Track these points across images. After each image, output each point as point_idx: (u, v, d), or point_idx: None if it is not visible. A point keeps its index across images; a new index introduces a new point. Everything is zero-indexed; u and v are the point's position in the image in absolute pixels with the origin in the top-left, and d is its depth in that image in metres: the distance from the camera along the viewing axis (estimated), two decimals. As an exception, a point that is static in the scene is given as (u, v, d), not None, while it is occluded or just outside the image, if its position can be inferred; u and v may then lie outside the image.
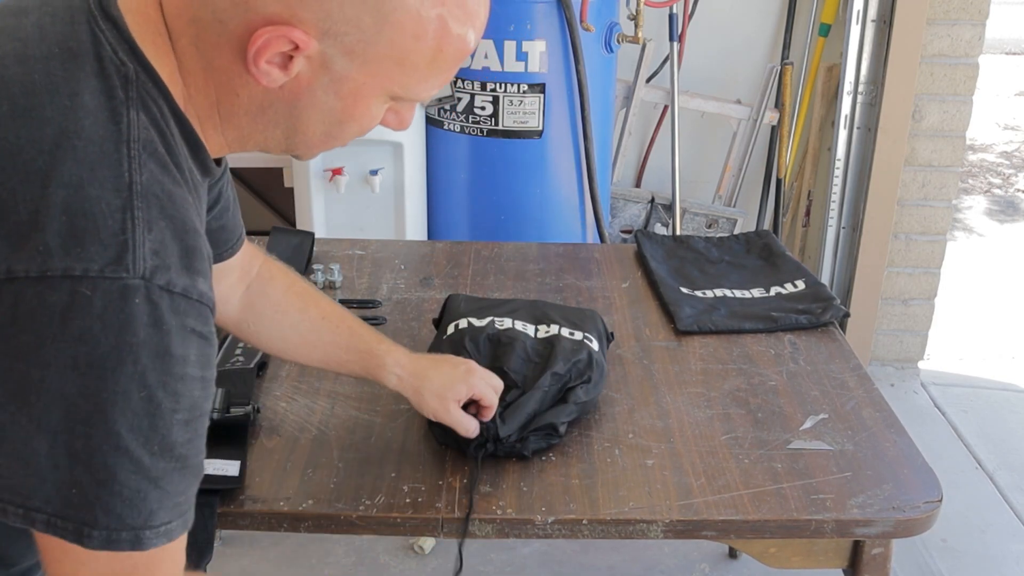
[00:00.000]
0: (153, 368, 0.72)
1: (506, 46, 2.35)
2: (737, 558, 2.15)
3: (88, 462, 0.71)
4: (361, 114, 0.83)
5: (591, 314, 1.51)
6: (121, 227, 0.71)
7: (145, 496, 0.73)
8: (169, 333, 0.72)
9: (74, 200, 0.70)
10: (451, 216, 2.67)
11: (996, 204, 4.79)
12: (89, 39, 0.75)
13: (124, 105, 0.74)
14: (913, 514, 1.19)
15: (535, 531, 1.17)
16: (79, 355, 0.70)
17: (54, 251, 0.69)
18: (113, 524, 0.73)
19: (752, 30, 2.94)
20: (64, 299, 0.69)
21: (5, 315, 0.70)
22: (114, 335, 0.70)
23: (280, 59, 0.77)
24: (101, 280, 0.69)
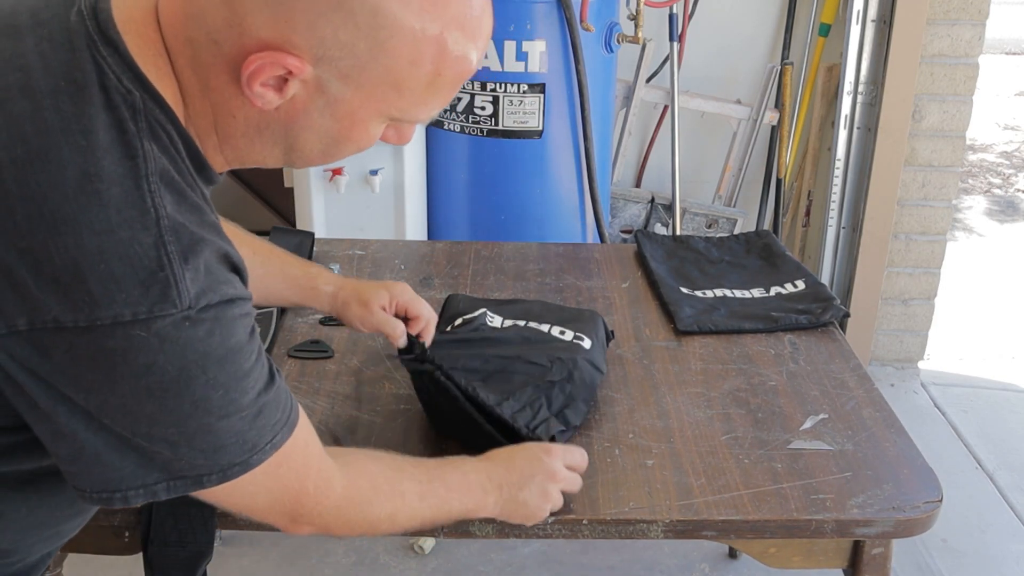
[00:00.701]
0: (220, 370, 0.77)
1: (506, 46, 2.35)
2: (737, 558, 2.15)
3: (190, 444, 0.79)
4: (358, 135, 0.83)
5: (590, 314, 1.51)
6: (158, 264, 0.72)
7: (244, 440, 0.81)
8: (225, 336, 0.77)
9: (108, 245, 0.71)
10: (451, 216, 2.67)
11: (996, 204, 4.79)
12: (93, 68, 0.74)
13: (136, 137, 0.74)
14: (913, 514, 1.19)
15: (535, 531, 1.17)
16: (151, 384, 0.74)
17: (100, 300, 0.71)
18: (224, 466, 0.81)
19: (752, 30, 2.94)
20: (121, 344, 0.72)
21: (64, 360, 0.73)
22: (178, 360, 0.74)
23: (275, 82, 0.77)
24: (152, 320, 0.72)
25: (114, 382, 0.74)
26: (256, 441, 0.83)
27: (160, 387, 0.75)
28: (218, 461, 0.81)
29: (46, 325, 0.71)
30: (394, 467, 1.02)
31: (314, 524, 0.94)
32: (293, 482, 0.89)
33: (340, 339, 1.55)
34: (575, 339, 1.41)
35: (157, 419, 0.77)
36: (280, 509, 0.91)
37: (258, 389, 0.82)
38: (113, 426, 0.77)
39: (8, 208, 0.71)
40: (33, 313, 0.71)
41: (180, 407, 0.76)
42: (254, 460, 0.83)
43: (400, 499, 1.00)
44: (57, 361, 0.73)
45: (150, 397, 0.75)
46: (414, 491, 1.01)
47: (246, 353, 0.80)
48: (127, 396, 0.75)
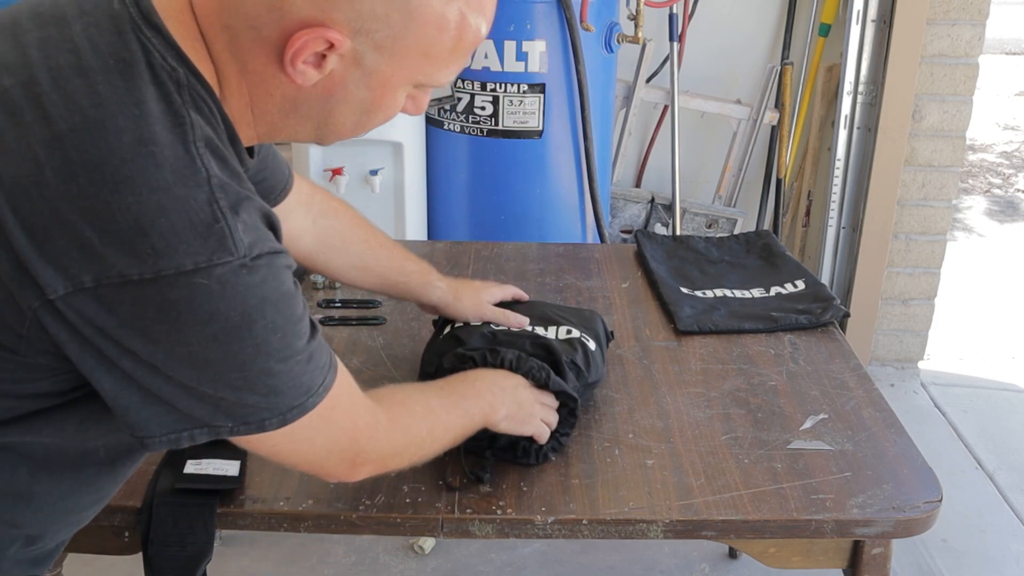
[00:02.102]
0: (277, 314, 0.83)
1: (506, 46, 2.36)
2: (737, 558, 2.15)
3: (252, 389, 0.84)
4: (388, 103, 0.89)
5: (590, 314, 1.51)
6: (213, 217, 0.78)
7: (298, 384, 0.87)
8: (277, 284, 0.83)
9: (166, 201, 0.76)
10: (451, 216, 2.67)
11: (996, 204, 4.79)
12: (139, 48, 0.80)
13: (183, 108, 0.80)
14: (913, 514, 1.19)
15: (535, 531, 1.17)
16: (215, 331, 0.79)
17: (162, 252, 0.75)
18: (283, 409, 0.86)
19: (752, 30, 2.94)
20: (185, 292, 0.77)
21: (130, 313, 0.77)
22: (239, 306, 0.79)
23: (314, 59, 0.82)
24: (212, 268, 0.77)
25: (179, 331, 0.78)
26: (310, 384, 0.88)
27: (224, 333, 0.79)
28: (278, 405, 0.86)
29: (111, 280, 0.75)
30: (417, 389, 1.14)
31: (371, 461, 1.00)
32: (346, 422, 0.95)
33: (340, 339, 1.55)
34: (582, 338, 1.41)
35: (221, 365, 0.81)
36: (339, 452, 0.97)
37: (308, 334, 0.87)
38: (179, 376, 0.81)
39: (70, 173, 0.75)
40: (99, 269, 0.75)
41: (243, 351, 0.81)
42: (310, 403, 0.88)
43: (432, 415, 1.10)
44: (123, 315, 0.77)
45: (215, 343, 0.79)
46: (440, 404, 1.12)
47: (296, 300, 0.86)
48: (192, 344, 0.79)
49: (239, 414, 0.85)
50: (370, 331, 1.59)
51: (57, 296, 0.76)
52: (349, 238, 1.36)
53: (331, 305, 1.66)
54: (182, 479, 1.17)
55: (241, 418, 0.85)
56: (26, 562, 0.93)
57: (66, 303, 0.76)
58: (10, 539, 0.91)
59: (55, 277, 0.75)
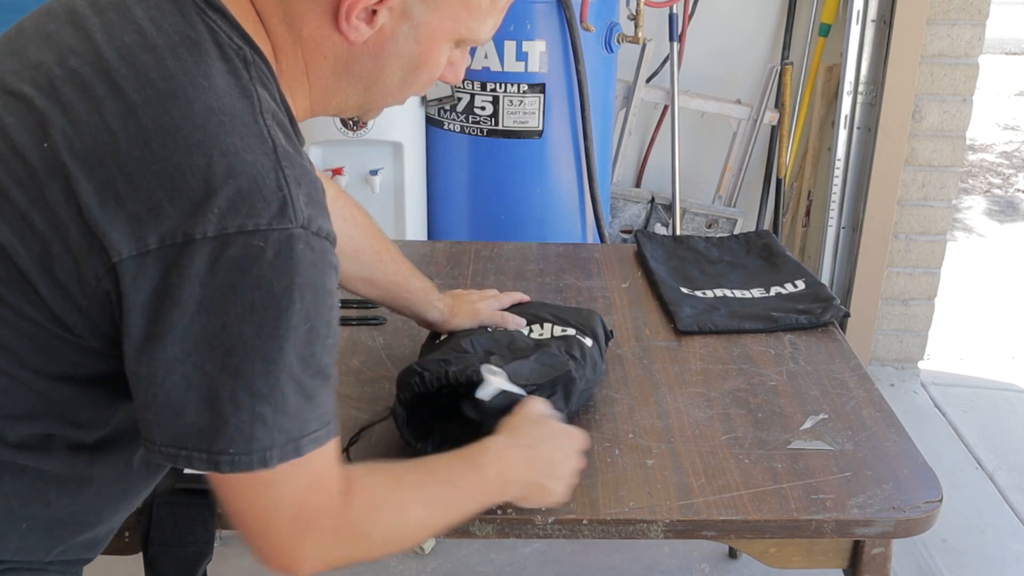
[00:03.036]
0: (313, 303, 0.82)
1: (506, 46, 2.36)
2: (737, 558, 2.15)
3: (269, 396, 0.81)
4: (434, 60, 0.92)
5: (588, 313, 1.51)
6: (277, 184, 0.80)
7: (302, 411, 0.83)
8: (323, 271, 0.83)
9: (236, 165, 0.78)
10: (451, 216, 2.67)
11: (996, 204, 4.79)
12: (204, 28, 0.83)
13: (250, 83, 0.83)
14: (913, 514, 1.19)
15: (535, 531, 1.17)
16: (255, 299, 0.79)
17: (227, 212, 0.77)
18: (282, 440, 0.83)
19: (752, 30, 2.94)
20: (239, 252, 0.78)
21: (183, 274, 0.77)
22: (284, 278, 0.79)
23: (365, 15, 0.86)
24: (270, 232, 0.78)
25: (225, 295, 0.78)
26: (309, 421, 0.84)
27: (263, 304, 0.79)
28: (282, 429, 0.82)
29: (175, 240, 0.77)
30: (394, 475, 0.97)
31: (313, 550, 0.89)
32: (302, 491, 0.87)
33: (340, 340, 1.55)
34: (577, 336, 1.41)
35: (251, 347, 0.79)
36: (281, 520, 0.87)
37: (328, 357, 0.86)
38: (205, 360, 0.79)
39: (144, 140, 0.78)
40: (164, 230, 0.77)
41: (275, 332, 0.80)
42: (304, 444, 0.84)
43: (403, 514, 0.96)
44: (175, 278, 0.77)
45: (252, 315, 0.79)
46: (416, 499, 0.97)
47: (332, 304, 0.86)
48: (231, 315, 0.78)
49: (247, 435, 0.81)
50: (370, 331, 1.59)
51: (121, 259, 0.77)
52: (363, 249, 1.37)
53: (331, 305, 1.66)
54: (182, 479, 1.17)
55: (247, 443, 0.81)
56: (79, 546, 0.95)
57: (127, 266, 0.77)
58: (76, 527, 0.93)
59: (121, 240, 0.77)
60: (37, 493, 0.89)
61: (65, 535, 0.93)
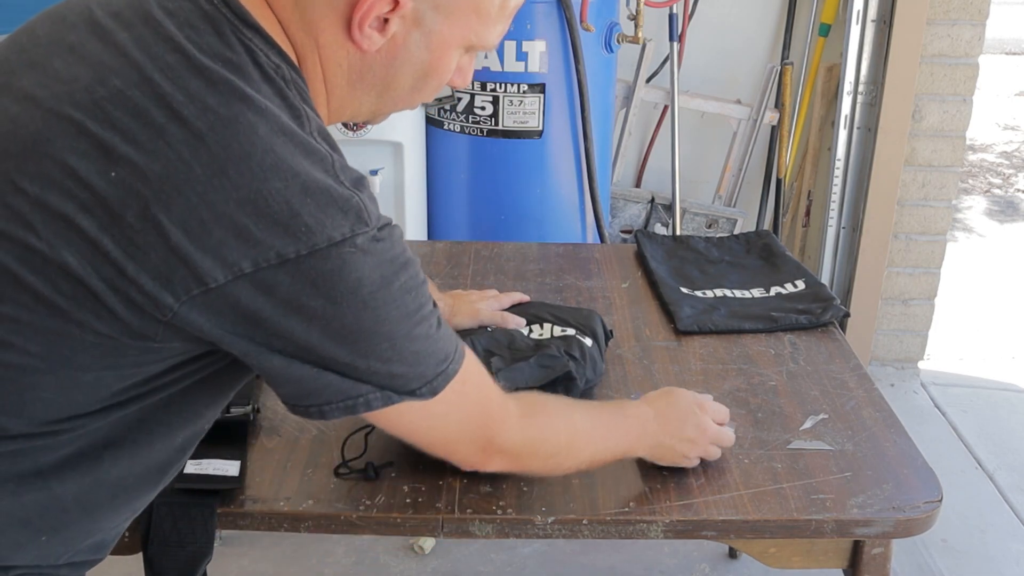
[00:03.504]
0: (407, 276, 0.89)
1: (506, 46, 2.36)
2: (737, 558, 2.15)
3: (400, 359, 0.90)
4: (444, 66, 0.94)
5: (588, 313, 1.51)
6: (347, 194, 0.84)
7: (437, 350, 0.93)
8: (402, 249, 0.89)
9: (309, 183, 0.82)
10: (451, 216, 2.67)
11: (996, 204, 4.79)
12: (243, 49, 0.84)
13: (296, 101, 0.86)
14: (913, 514, 1.19)
15: (535, 531, 1.17)
16: (364, 296, 0.85)
17: (314, 228, 0.81)
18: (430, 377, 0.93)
19: (752, 30, 2.94)
20: (336, 263, 0.82)
21: (286, 293, 0.82)
22: (380, 270, 0.86)
23: (377, 23, 0.88)
24: (356, 237, 0.83)
25: (335, 302, 0.83)
26: (447, 350, 0.94)
27: (371, 296, 0.85)
28: (424, 373, 0.92)
29: (270, 262, 0.80)
30: (566, 402, 1.16)
31: (504, 452, 1.05)
32: (478, 401, 1.00)
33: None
34: (577, 336, 1.41)
35: (372, 334, 0.87)
36: (471, 433, 1.01)
37: (430, 300, 0.93)
38: (332, 354, 0.86)
39: (219, 168, 0.80)
40: (257, 255, 0.80)
41: (388, 314, 0.87)
42: (451, 369, 0.94)
43: (573, 426, 1.12)
44: (281, 296, 0.82)
45: (364, 310, 0.85)
46: (584, 425, 1.14)
47: (417, 264, 0.92)
48: (346, 316, 0.84)
49: (390, 385, 0.90)
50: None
51: (217, 284, 0.80)
52: None
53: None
54: (182, 479, 1.17)
55: (391, 388, 0.90)
56: (88, 549, 0.95)
57: (224, 291, 0.80)
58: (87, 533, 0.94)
59: (215, 267, 0.79)
60: (56, 502, 0.89)
61: (77, 541, 0.93)
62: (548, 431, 1.10)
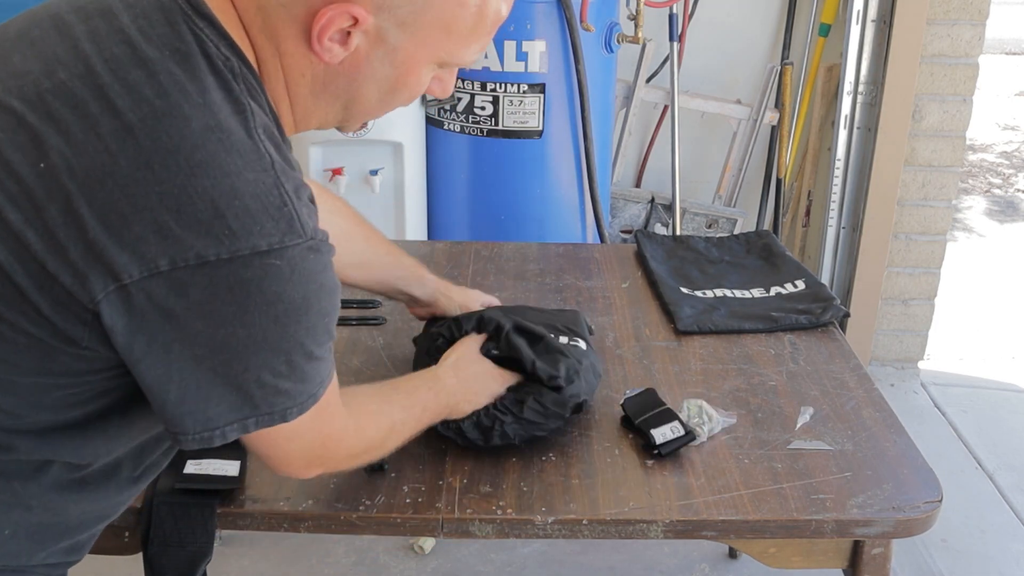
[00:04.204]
0: (329, 300, 0.87)
1: (506, 46, 2.36)
2: (737, 558, 2.15)
3: (290, 375, 0.86)
4: (413, 81, 0.91)
5: (573, 315, 1.50)
6: (281, 200, 0.81)
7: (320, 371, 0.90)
8: (330, 272, 0.86)
9: (239, 184, 0.79)
10: (451, 216, 2.67)
11: (996, 204, 4.79)
12: (192, 39, 0.82)
13: (242, 96, 0.83)
14: (913, 514, 1.19)
15: (535, 531, 1.17)
16: (278, 312, 0.82)
17: (239, 233, 0.78)
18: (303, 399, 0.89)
19: (752, 30, 2.94)
20: (258, 273, 0.79)
21: (202, 294, 0.78)
22: (302, 288, 0.83)
23: (340, 36, 0.85)
24: (284, 249, 0.80)
25: (247, 312, 0.80)
26: (325, 374, 0.91)
27: (285, 314, 0.82)
28: (302, 392, 0.88)
29: (188, 262, 0.77)
30: (387, 399, 1.14)
31: (327, 467, 1.03)
32: (325, 425, 0.96)
33: (340, 340, 1.55)
34: (571, 343, 1.40)
35: (275, 347, 0.84)
36: (309, 452, 0.98)
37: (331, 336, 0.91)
38: (229, 362, 0.82)
39: (145, 161, 0.77)
40: (175, 253, 0.77)
41: (297, 333, 0.84)
42: (320, 392, 0.91)
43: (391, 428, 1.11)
44: (193, 297, 0.78)
45: (275, 324, 0.82)
46: (401, 419, 1.13)
47: (339, 290, 0.90)
48: (255, 326, 0.81)
49: (270, 403, 0.87)
50: (370, 331, 1.59)
51: (132, 280, 0.77)
52: (353, 236, 1.38)
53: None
54: (182, 479, 1.17)
55: (269, 408, 0.87)
56: (63, 551, 0.95)
57: (139, 287, 0.77)
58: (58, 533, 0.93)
59: (131, 262, 0.77)
60: (18, 499, 0.89)
61: (48, 541, 0.93)
62: (372, 438, 1.08)
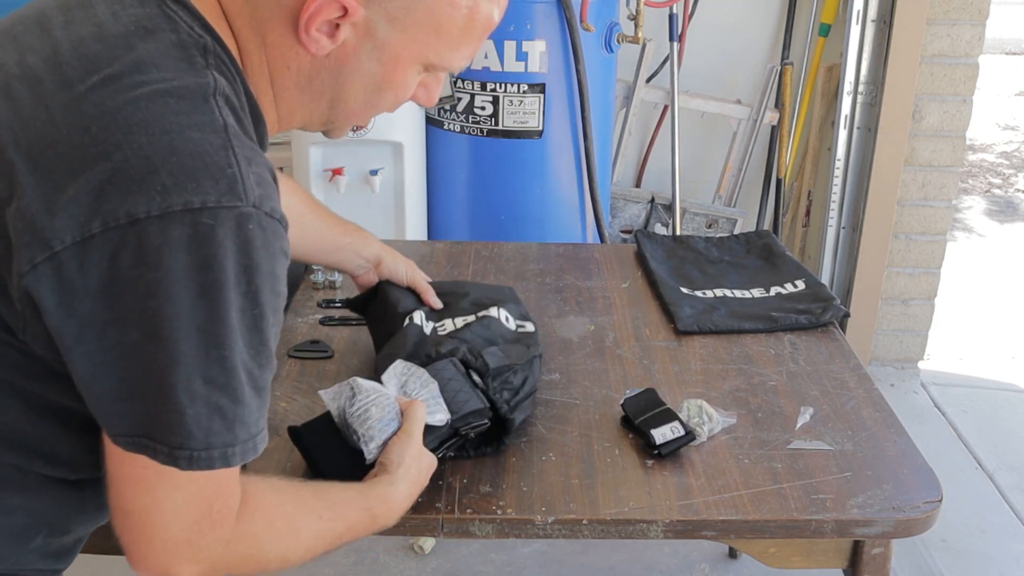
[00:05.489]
0: (263, 287, 0.79)
1: (506, 46, 2.35)
2: (737, 558, 2.15)
3: (225, 385, 0.79)
4: (399, 81, 0.90)
5: (510, 291, 1.57)
6: (227, 162, 0.77)
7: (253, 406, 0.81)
8: (274, 255, 0.80)
9: (180, 142, 0.75)
10: (451, 216, 2.67)
11: (996, 204, 4.79)
12: (163, 18, 0.81)
13: (205, 68, 0.81)
14: (913, 514, 1.19)
15: (535, 531, 1.17)
16: (206, 282, 0.76)
17: (171, 189, 0.74)
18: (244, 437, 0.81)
19: (752, 30, 2.94)
20: (187, 231, 0.74)
21: (132, 256, 0.74)
22: (234, 259, 0.76)
23: (327, 28, 0.84)
24: (220, 210, 0.75)
25: (171, 279, 0.75)
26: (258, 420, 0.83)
27: (213, 286, 0.76)
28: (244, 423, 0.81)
29: (119, 221, 0.74)
30: (295, 501, 0.96)
31: (197, 559, 0.85)
32: (210, 493, 0.83)
33: (340, 339, 1.55)
34: (518, 328, 1.45)
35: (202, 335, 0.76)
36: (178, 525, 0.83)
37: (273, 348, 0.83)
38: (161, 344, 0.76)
39: (84, 126, 0.75)
40: (107, 212, 0.74)
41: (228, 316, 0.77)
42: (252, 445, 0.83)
43: (295, 536, 0.94)
44: (124, 261, 0.74)
45: (201, 297, 0.76)
46: (311, 529, 0.96)
47: (280, 291, 0.83)
48: (180, 298, 0.75)
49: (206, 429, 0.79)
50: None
51: (64, 246, 0.74)
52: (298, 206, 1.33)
53: (331, 305, 1.66)
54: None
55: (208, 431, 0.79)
56: (49, 556, 0.93)
57: (71, 254, 0.74)
58: (35, 531, 0.91)
59: (64, 227, 0.74)
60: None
61: (28, 542, 0.90)
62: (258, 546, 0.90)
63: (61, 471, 0.89)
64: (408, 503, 1.08)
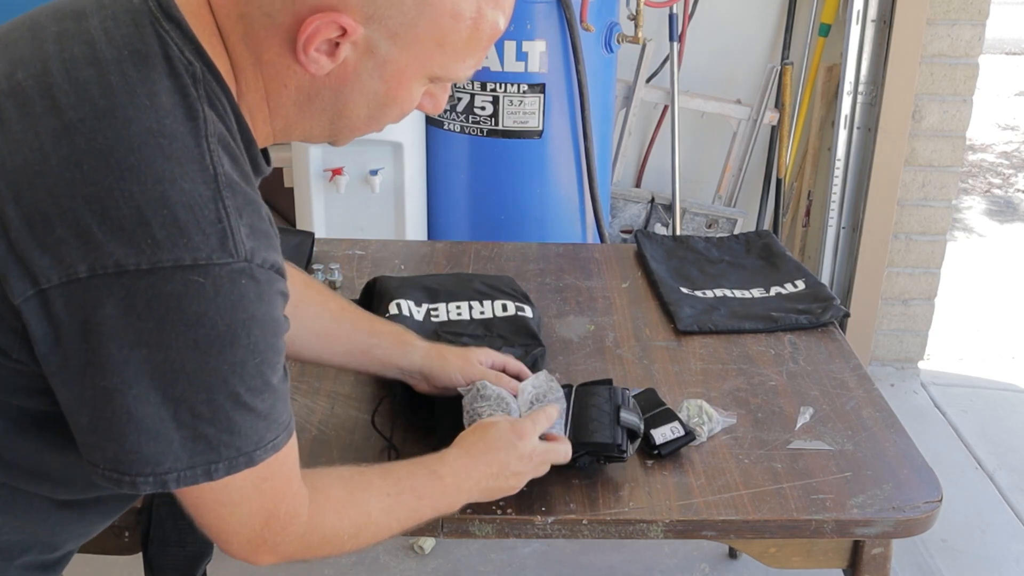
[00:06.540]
0: (262, 337, 0.79)
1: (506, 46, 2.36)
2: (737, 558, 2.15)
3: (212, 419, 0.78)
4: (403, 96, 0.87)
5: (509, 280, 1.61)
6: (216, 215, 0.75)
7: (255, 428, 0.81)
8: (271, 303, 0.80)
9: (171, 193, 0.74)
10: (451, 216, 2.67)
11: (996, 204, 4.79)
12: (156, 41, 0.79)
13: (197, 102, 0.78)
14: (913, 514, 1.19)
15: (535, 531, 1.17)
16: (199, 337, 0.75)
17: (162, 244, 0.73)
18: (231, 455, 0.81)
19: (752, 30, 2.94)
20: (179, 288, 0.74)
21: (118, 307, 0.74)
22: (228, 315, 0.76)
23: (327, 47, 0.81)
24: (211, 267, 0.75)
25: (164, 331, 0.75)
26: (263, 435, 0.82)
27: (207, 340, 0.76)
28: (228, 445, 0.80)
29: (107, 270, 0.73)
30: (361, 486, 0.99)
31: (276, 553, 0.90)
32: (270, 501, 0.87)
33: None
34: (518, 311, 1.49)
35: (193, 380, 0.77)
36: (250, 529, 0.87)
37: (280, 375, 0.84)
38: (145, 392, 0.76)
39: (75, 162, 0.74)
40: (95, 259, 0.73)
41: (219, 367, 0.77)
42: (257, 455, 0.82)
43: (366, 518, 0.97)
44: (111, 309, 0.74)
45: (194, 351, 0.76)
46: (380, 508, 0.98)
47: (282, 330, 0.83)
48: (172, 349, 0.75)
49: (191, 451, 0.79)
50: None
51: (51, 285, 0.73)
52: (306, 300, 1.21)
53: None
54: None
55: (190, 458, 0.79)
56: (36, 569, 0.92)
57: (58, 293, 0.73)
58: (21, 549, 0.90)
59: (51, 266, 0.73)
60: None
61: (14, 559, 0.89)
62: (332, 533, 0.94)
63: (47, 489, 0.88)
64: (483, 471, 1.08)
